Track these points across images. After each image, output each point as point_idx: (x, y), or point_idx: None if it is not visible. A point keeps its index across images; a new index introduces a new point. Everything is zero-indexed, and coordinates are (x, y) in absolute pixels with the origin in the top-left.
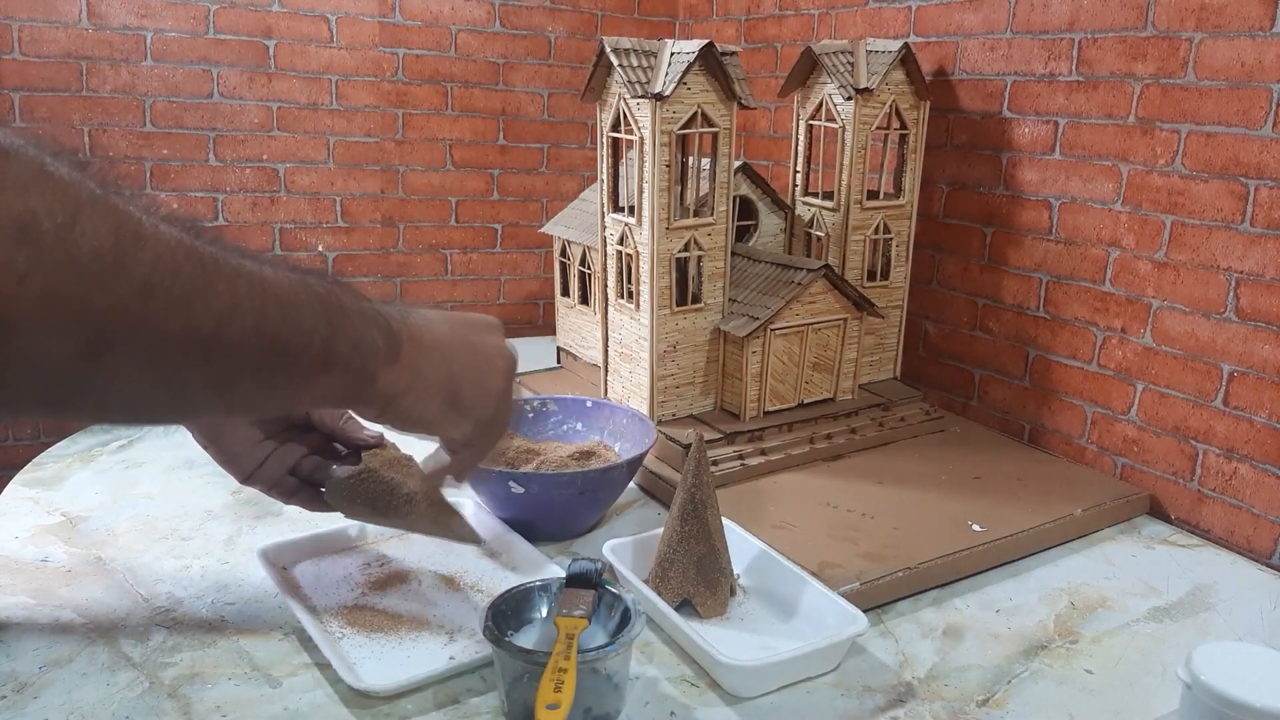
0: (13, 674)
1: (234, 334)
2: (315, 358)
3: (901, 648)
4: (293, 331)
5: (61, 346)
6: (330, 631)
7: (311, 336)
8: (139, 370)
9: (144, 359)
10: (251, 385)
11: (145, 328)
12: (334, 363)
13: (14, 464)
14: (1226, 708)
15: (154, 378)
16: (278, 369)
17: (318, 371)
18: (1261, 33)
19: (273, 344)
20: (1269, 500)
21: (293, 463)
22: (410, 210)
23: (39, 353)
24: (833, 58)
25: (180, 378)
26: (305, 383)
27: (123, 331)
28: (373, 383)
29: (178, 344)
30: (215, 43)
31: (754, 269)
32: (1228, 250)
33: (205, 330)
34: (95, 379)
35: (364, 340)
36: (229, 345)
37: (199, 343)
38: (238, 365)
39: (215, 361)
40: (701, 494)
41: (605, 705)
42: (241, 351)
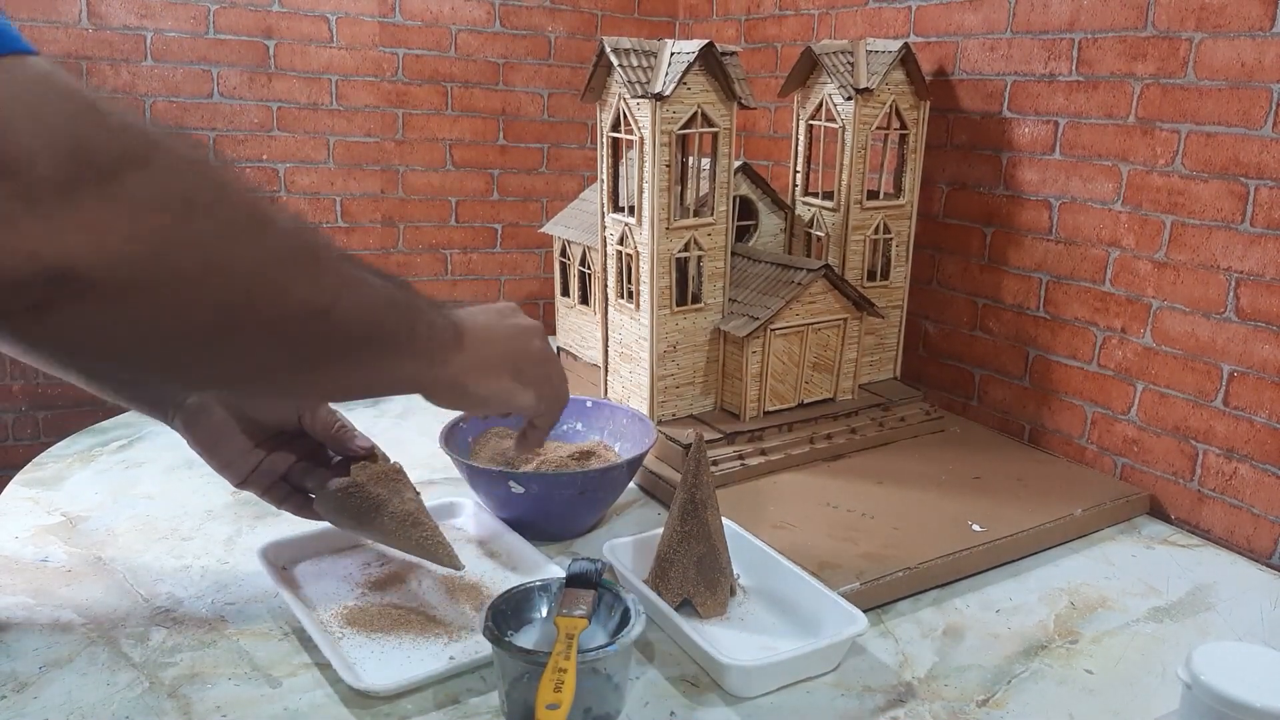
0: (13, 674)
1: (343, 310)
2: (402, 341)
3: (901, 648)
4: (385, 315)
5: (205, 314)
6: (330, 631)
7: (398, 322)
8: (269, 336)
9: (273, 326)
10: (353, 362)
11: (277, 296)
12: (416, 348)
13: (14, 464)
14: (1226, 708)
15: (279, 345)
16: (374, 348)
17: (402, 354)
18: (1261, 33)
19: (371, 324)
20: (1269, 500)
21: (284, 469)
22: (410, 210)
23: (194, 314)
24: (833, 58)
25: (300, 348)
26: (393, 365)
27: (254, 302)
28: (446, 367)
29: (301, 313)
30: (215, 43)
31: (754, 269)
32: (1228, 250)
33: (323, 303)
34: (232, 342)
35: (436, 328)
36: (339, 320)
37: (317, 314)
38: (344, 340)
39: (328, 334)
40: (701, 494)
41: (605, 705)
42: (348, 327)
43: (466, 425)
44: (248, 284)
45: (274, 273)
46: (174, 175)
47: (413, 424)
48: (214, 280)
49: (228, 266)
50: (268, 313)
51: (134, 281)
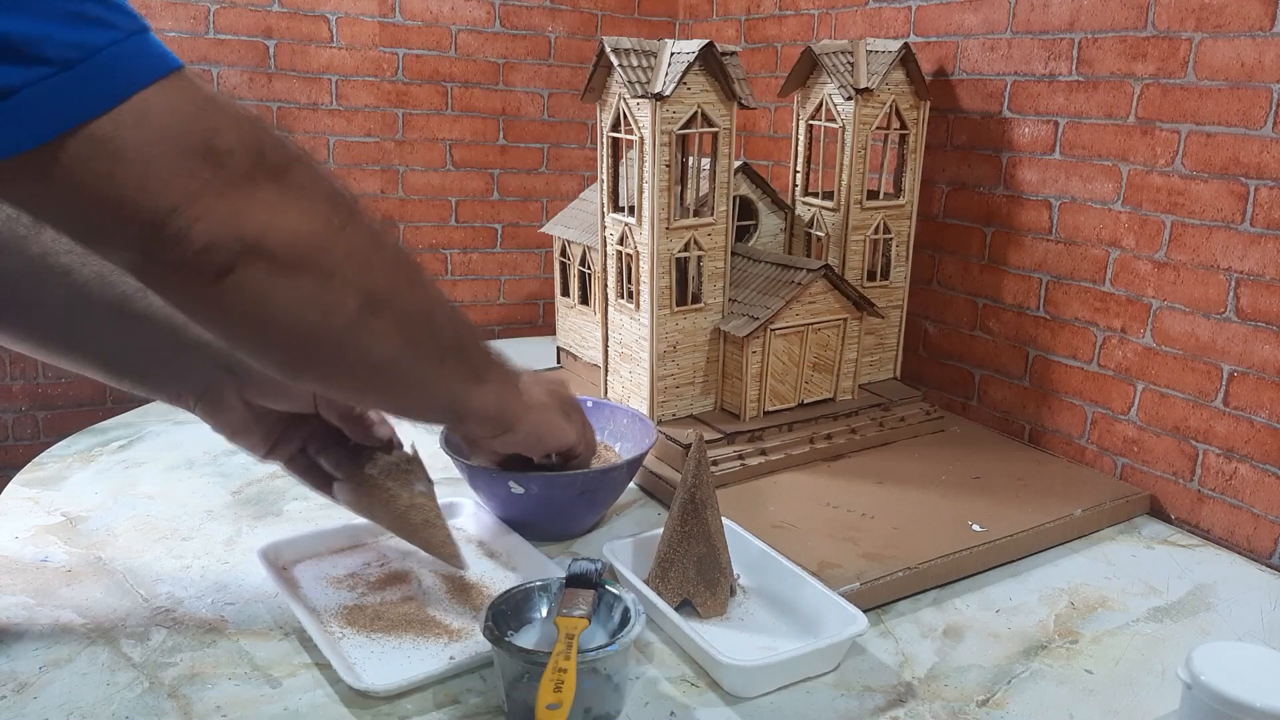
0: (13, 674)
1: (442, 318)
2: (481, 360)
3: (901, 648)
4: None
5: (355, 298)
6: (330, 631)
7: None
8: (393, 330)
9: (396, 321)
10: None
11: (400, 295)
12: (492, 371)
13: (14, 464)
14: (1226, 708)
15: (400, 339)
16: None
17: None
18: (1261, 33)
19: (462, 333)
20: (1269, 500)
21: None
22: (410, 210)
23: (342, 298)
24: (833, 58)
25: (416, 342)
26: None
27: (388, 294)
28: (516, 397)
29: (417, 314)
30: (215, 43)
31: (754, 269)
32: (1228, 250)
33: (429, 308)
34: (364, 334)
35: (503, 361)
36: (440, 325)
37: (427, 316)
38: (445, 342)
39: (433, 335)
40: (701, 494)
41: (605, 705)
42: (447, 332)
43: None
44: (382, 274)
45: (397, 270)
46: (323, 175)
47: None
48: (358, 265)
49: (367, 256)
50: (394, 305)
51: (301, 255)
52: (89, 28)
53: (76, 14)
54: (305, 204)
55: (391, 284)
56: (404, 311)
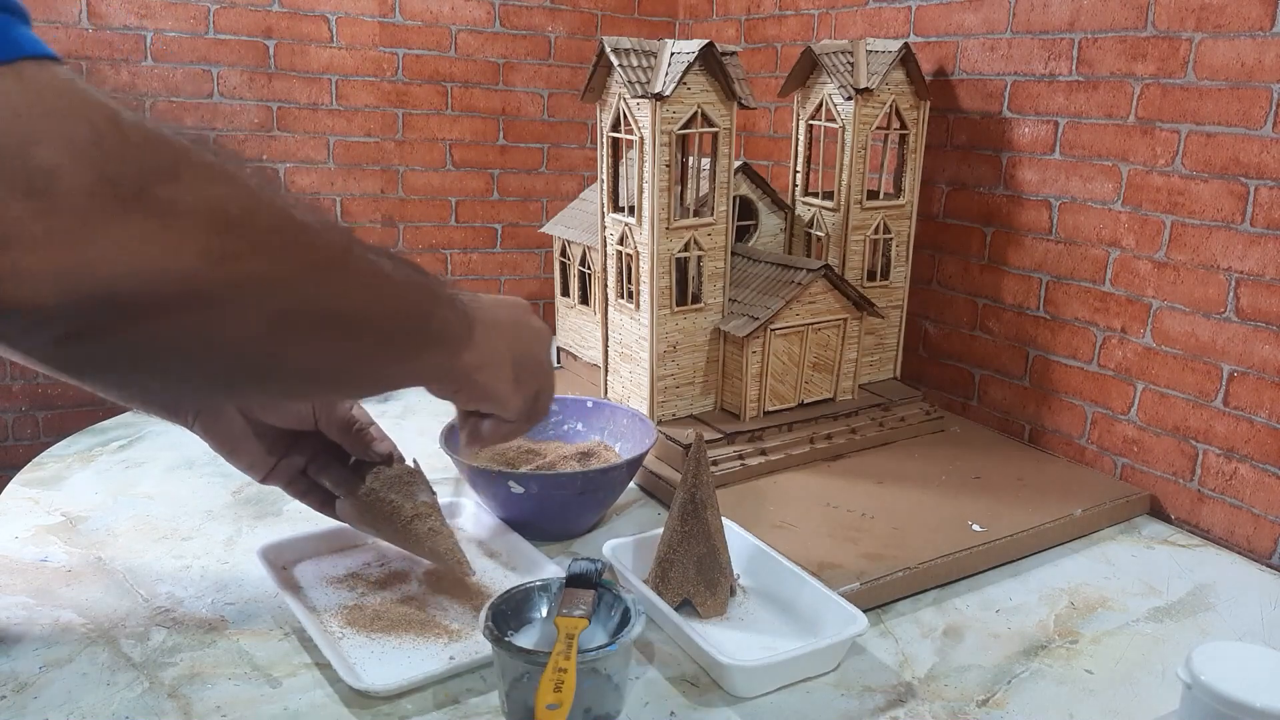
0: (13, 674)
1: (375, 309)
2: (422, 335)
3: (901, 648)
4: (409, 311)
5: (255, 323)
6: (330, 631)
7: (418, 316)
8: (311, 342)
9: (315, 332)
10: (383, 359)
11: (316, 302)
12: (433, 341)
13: (14, 464)
14: (1226, 708)
15: (321, 350)
16: (400, 343)
17: (422, 348)
18: (1261, 32)
19: (398, 319)
20: (1269, 500)
21: (303, 464)
22: (410, 210)
23: (236, 330)
24: (833, 58)
25: (339, 349)
26: (415, 358)
27: (300, 306)
28: (458, 359)
29: (339, 317)
30: (215, 43)
31: (754, 269)
32: (1228, 250)
33: (357, 305)
34: (277, 353)
35: (451, 321)
36: (371, 319)
37: (353, 316)
38: (376, 338)
39: (362, 334)
40: (701, 494)
41: (605, 705)
42: (380, 326)
43: None
44: (291, 287)
45: (313, 277)
46: (205, 186)
47: (412, 424)
48: (257, 288)
49: (267, 275)
50: (310, 318)
51: (173, 297)
52: None
53: None
54: (174, 231)
55: (307, 292)
56: (327, 316)
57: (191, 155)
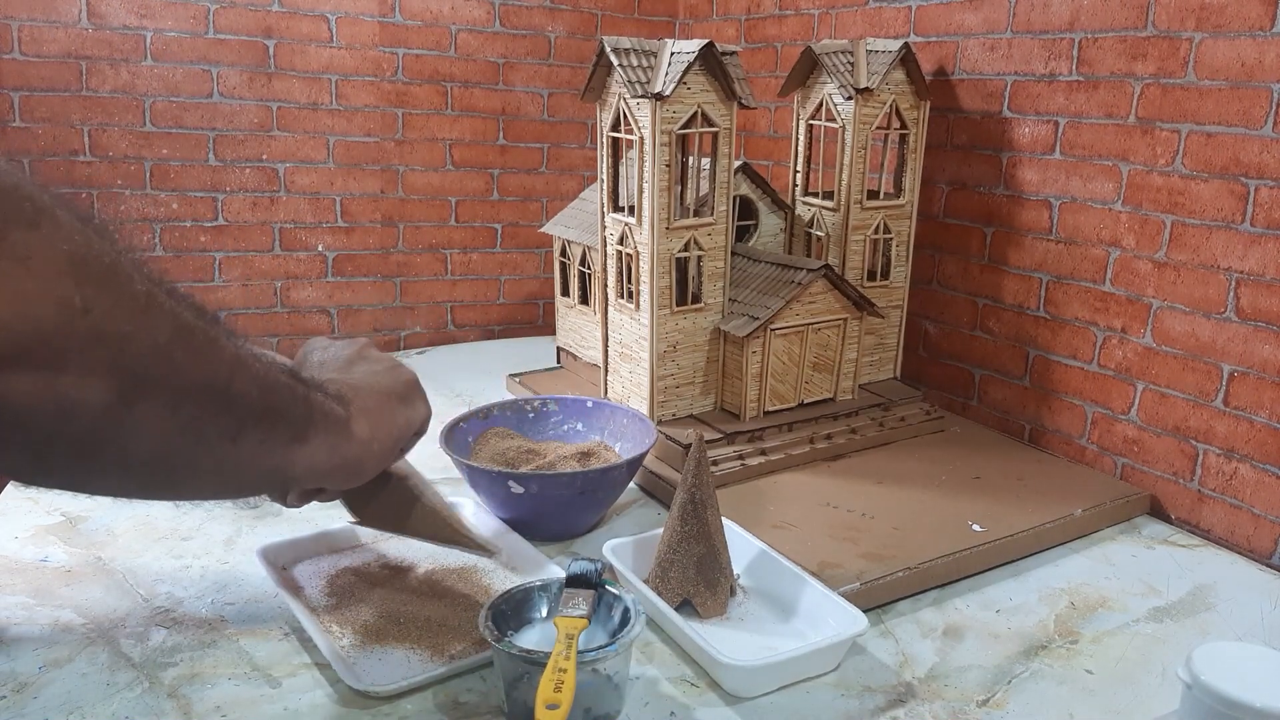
0: (13, 674)
1: (241, 384)
2: (300, 416)
3: (901, 648)
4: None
5: (103, 389)
6: (330, 631)
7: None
8: (165, 416)
9: (170, 405)
10: (254, 437)
11: (172, 373)
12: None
13: None
14: (1226, 708)
15: (176, 425)
16: (275, 421)
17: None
18: (1262, 32)
19: (269, 396)
20: (1269, 500)
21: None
22: (410, 210)
23: (82, 394)
24: (833, 57)
25: (198, 425)
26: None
27: (154, 375)
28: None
29: (198, 390)
30: (215, 42)
31: (754, 269)
32: (1228, 250)
33: (220, 379)
34: (126, 425)
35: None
36: (237, 395)
37: (215, 390)
38: (244, 414)
39: (226, 410)
40: (701, 494)
41: (605, 705)
42: (247, 400)
43: (466, 425)
44: (146, 354)
45: (175, 339)
46: (64, 239)
47: None
48: (107, 349)
49: (124, 333)
50: (166, 386)
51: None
52: None
53: None
54: (26, 282)
55: (162, 361)
56: (182, 391)
57: (49, 210)
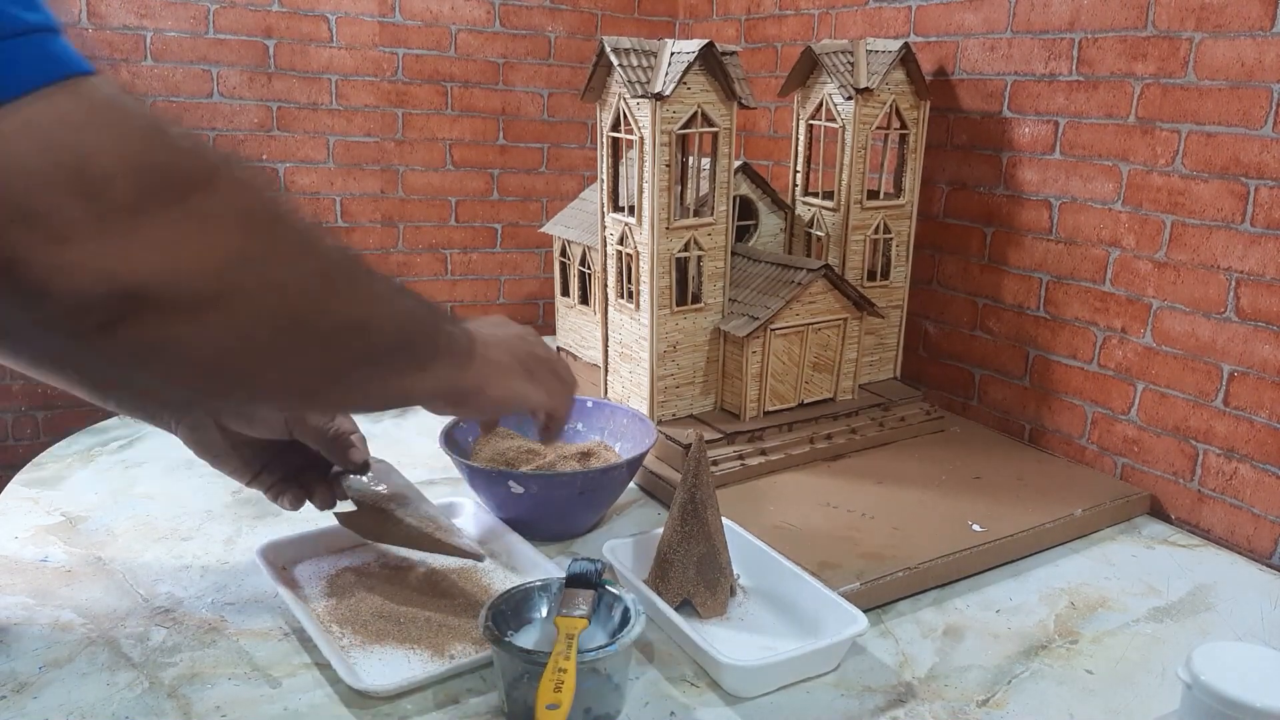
0: (13, 674)
1: (379, 322)
2: (430, 348)
3: (901, 648)
4: (416, 326)
5: (268, 330)
6: (330, 631)
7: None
8: (317, 351)
9: (321, 341)
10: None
11: (324, 314)
12: (441, 353)
13: (14, 464)
14: (1226, 708)
15: (326, 357)
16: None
17: (431, 360)
18: (1262, 32)
19: (402, 335)
20: (1269, 500)
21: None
22: (410, 210)
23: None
24: (833, 57)
25: (343, 357)
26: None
27: (309, 316)
28: (465, 372)
29: (345, 327)
30: (215, 43)
31: (754, 269)
32: (1228, 250)
33: (362, 316)
34: (287, 361)
35: (454, 338)
36: (375, 331)
37: (358, 326)
38: (381, 350)
39: (365, 343)
40: (701, 494)
41: (605, 705)
42: (383, 338)
43: (466, 425)
44: (301, 299)
45: (323, 288)
46: (235, 196)
47: (412, 424)
48: (272, 296)
49: (285, 283)
50: (317, 327)
51: (201, 298)
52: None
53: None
54: (208, 236)
55: (317, 303)
56: (332, 328)
57: (223, 169)
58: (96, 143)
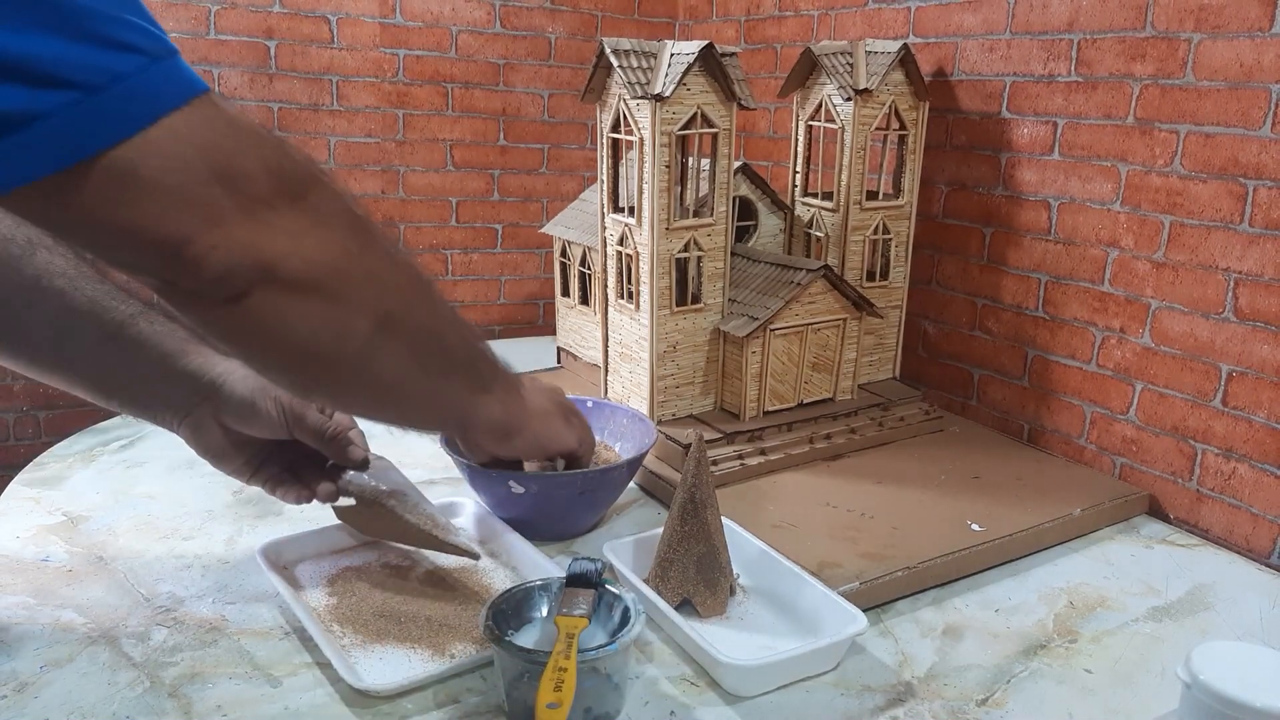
0: (13, 674)
1: (453, 335)
2: (488, 373)
3: (901, 647)
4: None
5: (368, 320)
6: (330, 631)
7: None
8: (403, 350)
9: (408, 341)
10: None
11: (412, 315)
12: (497, 383)
13: (15, 463)
14: (1226, 707)
15: (411, 358)
16: (472, 373)
17: (483, 388)
18: (1260, 33)
19: (471, 349)
20: (1268, 500)
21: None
22: (411, 210)
23: (354, 323)
24: (832, 58)
25: (425, 361)
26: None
27: (400, 315)
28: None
29: (427, 334)
30: (216, 43)
31: (754, 269)
32: (1226, 250)
33: (441, 327)
34: (379, 353)
35: (502, 372)
36: (451, 344)
37: (438, 335)
38: (454, 359)
39: (443, 353)
40: (701, 494)
41: (605, 705)
42: (457, 349)
43: None
44: (394, 296)
45: (411, 290)
46: (341, 198)
47: None
48: (371, 289)
49: (383, 279)
50: (405, 326)
51: (318, 281)
52: (117, 53)
53: (107, 38)
54: (323, 229)
55: (405, 305)
56: (416, 332)
57: (325, 175)
58: (236, 148)
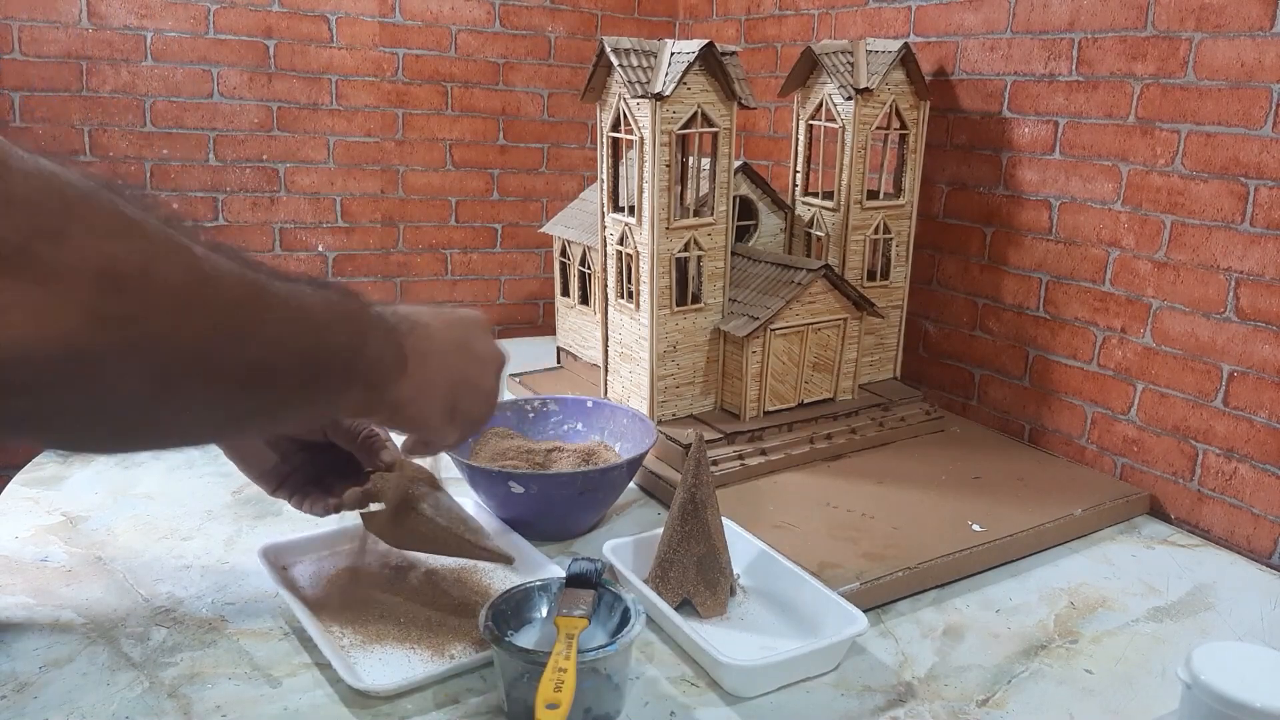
0: (13, 674)
1: (282, 359)
2: (341, 375)
3: (901, 648)
4: (326, 352)
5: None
6: (330, 631)
7: (340, 356)
8: (202, 400)
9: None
10: (293, 405)
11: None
12: (356, 379)
13: (14, 464)
14: (1226, 708)
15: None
16: (314, 387)
17: (343, 388)
18: (1261, 33)
19: (311, 365)
20: (1269, 500)
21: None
22: (410, 210)
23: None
24: (833, 58)
25: (236, 404)
26: (333, 398)
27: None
28: (384, 394)
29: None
30: (215, 43)
31: (754, 269)
32: (1228, 250)
33: (259, 358)
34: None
35: (381, 357)
36: (277, 370)
37: (254, 370)
38: (284, 388)
39: (266, 386)
40: (701, 494)
41: (605, 705)
42: (287, 375)
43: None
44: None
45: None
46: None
47: None
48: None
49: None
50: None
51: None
52: None
53: None
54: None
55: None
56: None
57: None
58: None
